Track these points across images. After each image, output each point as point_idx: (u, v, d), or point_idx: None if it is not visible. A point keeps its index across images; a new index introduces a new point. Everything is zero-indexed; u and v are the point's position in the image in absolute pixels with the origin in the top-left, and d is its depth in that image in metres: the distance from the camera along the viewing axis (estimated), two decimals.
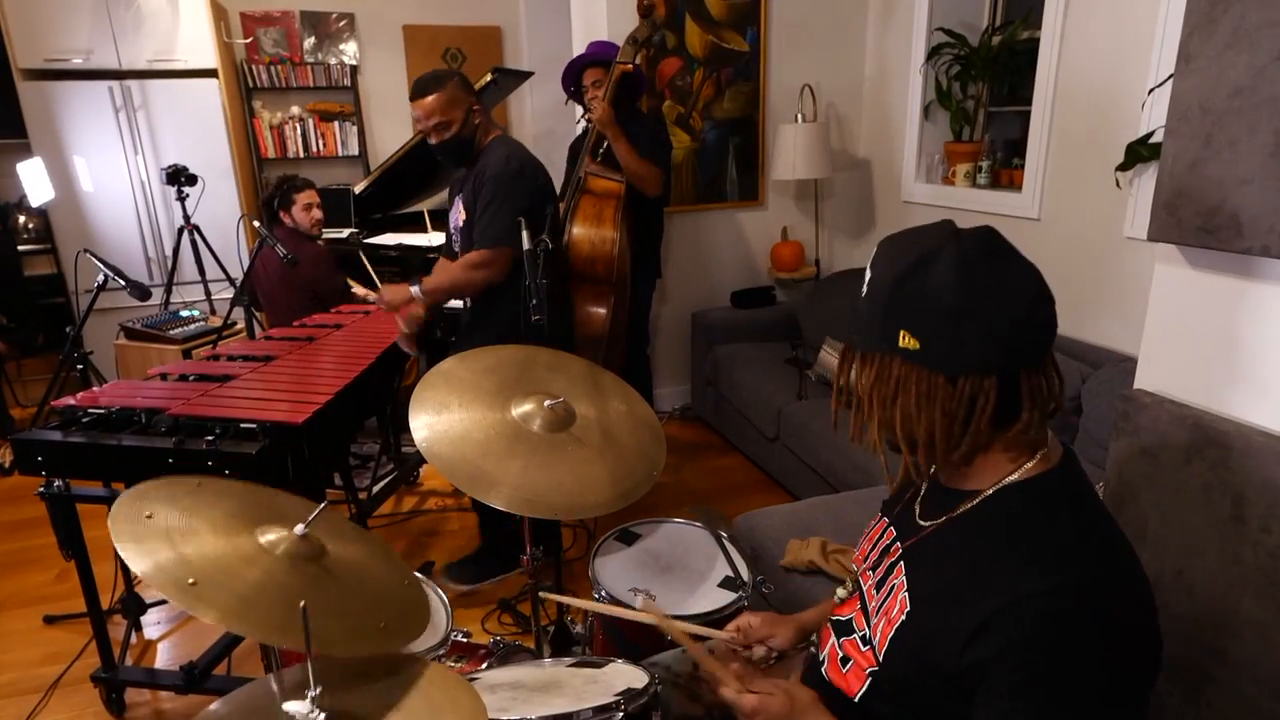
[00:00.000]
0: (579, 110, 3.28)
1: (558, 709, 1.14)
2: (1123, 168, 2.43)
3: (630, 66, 2.93)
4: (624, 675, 1.27)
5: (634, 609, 1.40)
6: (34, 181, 3.90)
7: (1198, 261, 1.22)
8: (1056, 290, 0.86)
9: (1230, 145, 1.09)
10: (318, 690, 0.94)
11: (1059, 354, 2.60)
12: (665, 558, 1.76)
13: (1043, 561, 0.83)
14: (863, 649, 1.00)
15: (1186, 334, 1.26)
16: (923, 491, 1.01)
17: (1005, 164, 3.23)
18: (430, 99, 2.18)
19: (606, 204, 2.91)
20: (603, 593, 1.61)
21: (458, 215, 2.39)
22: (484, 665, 1.62)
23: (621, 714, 1.15)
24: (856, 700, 0.98)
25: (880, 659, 0.96)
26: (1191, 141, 1.15)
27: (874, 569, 1.03)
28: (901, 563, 0.98)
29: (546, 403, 1.54)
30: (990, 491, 0.90)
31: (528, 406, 1.54)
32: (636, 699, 1.17)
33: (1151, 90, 2.36)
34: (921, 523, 0.98)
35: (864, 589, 1.05)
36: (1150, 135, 2.35)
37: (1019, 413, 0.87)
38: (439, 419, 1.48)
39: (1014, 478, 0.89)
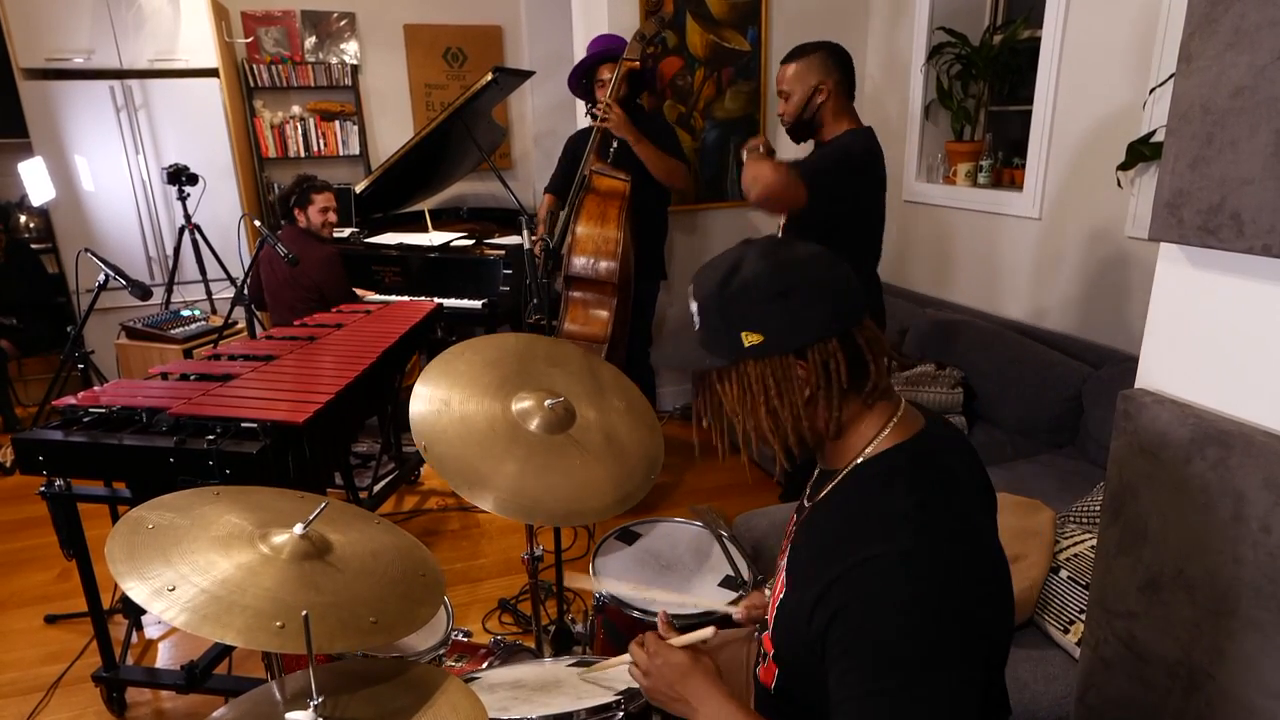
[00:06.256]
0: (581, 107, 3.27)
1: (558, 708, 1.14)
2: (1124, 167, 2.43)
3: (637, 64, 2.92)
4: (624, 675, 1.27)
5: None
6: (35, 181, 3.91)
7: (1199, 261, 1.22)
8: (1057, 289, 0.87)
9: (1231, 145, 1.09)
10: (320, 699, 0.94)
11: (1060, 353, 2.58)
12: (665, 557, 1.76)
13: (868, 534, 0.87)
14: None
15: (1188, 333, 1.26)
16: (814, 478, 1.07)
17: (1006, 163, 3.23)
18: (786, 66, 2.27)
19: (610, 203, 2.88)
20: (604, 591, 1.61)
21: None
22: (484, 665, 1.62)
23: (622, 713, 1.15)
24: (773, 692, 1.01)
25: (773, 639, 1.00)
26: (1192, 141, 1.15)
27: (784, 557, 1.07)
28: (789, 545, 1.02)
29: (547, 403, 1.53)
30: (848, 468, 0.95)
31: (527, 403, 1.54)
32: (637, 698, 1.17)
33: (1153, 90, 2.36)
34: (806, 505, 1.04)
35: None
36: (1151, 135, 2.35)
37: (867, 365, 0.92)
38: (437, 416, 1.48)
39: (869, 451, 0.94)
